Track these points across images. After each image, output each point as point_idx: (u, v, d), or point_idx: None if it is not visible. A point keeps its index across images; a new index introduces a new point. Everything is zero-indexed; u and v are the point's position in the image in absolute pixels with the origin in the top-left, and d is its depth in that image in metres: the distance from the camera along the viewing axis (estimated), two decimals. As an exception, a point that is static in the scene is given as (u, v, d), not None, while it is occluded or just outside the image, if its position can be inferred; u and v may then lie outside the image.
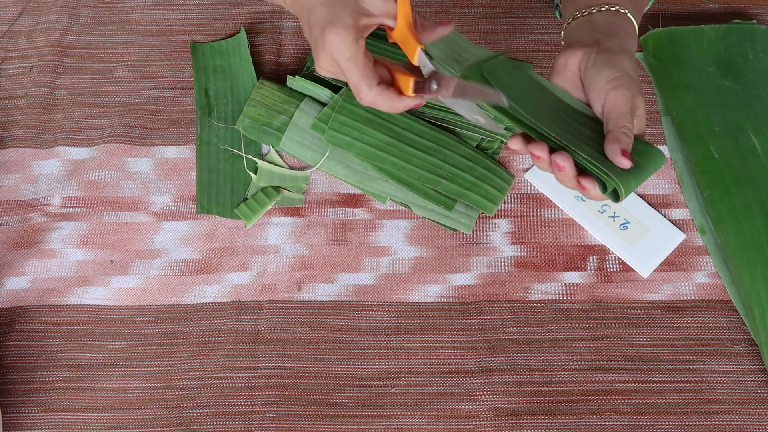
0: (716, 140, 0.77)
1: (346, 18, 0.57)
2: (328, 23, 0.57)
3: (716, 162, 0.76)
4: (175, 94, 0.83)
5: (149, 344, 0.72)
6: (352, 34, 0.57)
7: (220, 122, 0.81)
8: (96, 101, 0.83)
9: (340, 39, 0.57)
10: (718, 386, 0.70)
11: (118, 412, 0.69)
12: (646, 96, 0.83)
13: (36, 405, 0.69)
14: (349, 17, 0.57)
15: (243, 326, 0.72)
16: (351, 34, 0.57)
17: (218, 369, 0.71)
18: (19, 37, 0.87)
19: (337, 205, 0.78)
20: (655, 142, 0.81)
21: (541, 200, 0.78)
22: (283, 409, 0.69)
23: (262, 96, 0.80)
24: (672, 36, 0.84)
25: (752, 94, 0.80)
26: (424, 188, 0.76)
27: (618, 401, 0.69)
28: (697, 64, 0.82)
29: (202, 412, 0.69)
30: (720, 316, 0.73)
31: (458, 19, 0.87)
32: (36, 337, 0.72)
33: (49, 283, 0.74)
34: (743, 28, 0.85)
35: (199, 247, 0.76)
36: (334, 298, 0.74)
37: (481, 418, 0.68)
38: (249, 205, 0.77)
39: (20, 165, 0.80)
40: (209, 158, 0.80)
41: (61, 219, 0.77)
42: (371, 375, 0.70)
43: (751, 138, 0.77)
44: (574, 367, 0.71)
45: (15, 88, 0.84)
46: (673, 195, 0.78)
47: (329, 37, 0.57)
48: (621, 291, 0.74)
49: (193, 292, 0.74)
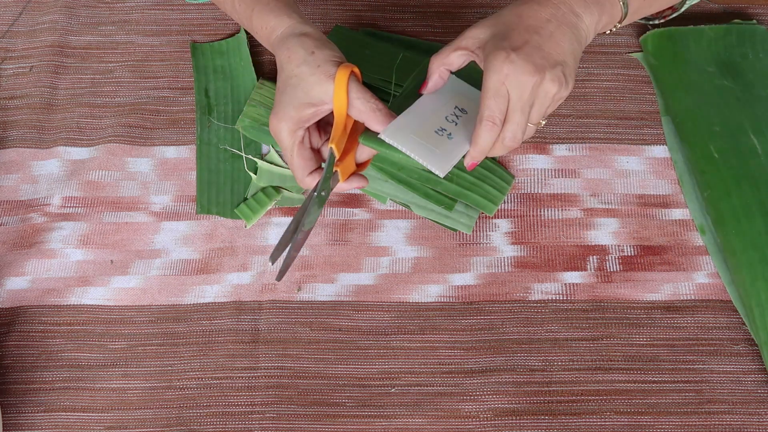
0: (716, 140, 0.77)
1: (289, 110, 0.61)
2: (273, 112, 0.62)
3: (716, 162, 0.76)
4: (175, 94, 0.83)
5: (149, 344, 0.72)
6: (290, 126, 0.61)
7: (220, 122, 0.81)
8: (96, 101, 0.83)
9: (279, 129, 0.62)
10: (718, 386, 0.70)
11: (118, 412, 0.69)
12: (646, 96, 0.83)
13: (36, 405, 0.69)
14: (293, 109, 0.61)
15: (243, 326, 0.72)
16: (289, 126, 0.61)
17: (218, 369, 0.71)
18: (19, 37, 0.87)
19: (337, 205, 0.78)
20: (655, 142, 0.81)
21: (541, 200, 0.78)
22: (283, 409, 0.69)
23: (262, 96, 0.80)
24: (672, 36, 0.84)
25: (752, 94, 0.80)
26: (424, 188, 0.76)
27: (618, 401, 0.69)
28: (697, 64, 0.82)
29: (202, 412, 0.69)
30: (720, 316, 0.73)
31: (458, 19, 0.87)
32: (36, 337, 0.72)
33: (49, 283, 0.74)
34: (743, 28, 0.85)
35: (199, 247, 0.76)
36: (334, 298, 0.74)
37: (481, 418, 0.68)
38: (249, 205, 0.77)
39: (20, 165, 0.80)
40: (209, 158, 0.80)
41: (61, 219, 0.77)
42: (371, 375, 0.70)
43: (751, 138, 0.77)
44: (574, 367, 0.71)
45: (15, 88, 0.84)
46: (673, 195, 0.78)
47: (272, 123, 0.62)
48: (621, 291, 0.74)
49: (193, 292, 0.74)
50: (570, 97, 0.83)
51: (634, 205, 0.78)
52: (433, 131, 0.60)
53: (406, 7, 0.88)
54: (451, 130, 0.61)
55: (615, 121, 0.82)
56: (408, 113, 0.60)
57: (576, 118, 0.82)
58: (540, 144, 0.80)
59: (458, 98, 0.63)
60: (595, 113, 0.82)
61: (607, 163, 0.80)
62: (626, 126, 0.82)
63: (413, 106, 0.61)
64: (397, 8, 0.88)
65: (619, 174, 0.79)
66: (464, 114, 0.62)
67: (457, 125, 0.61)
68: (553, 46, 0.55)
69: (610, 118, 0.82)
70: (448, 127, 0.61)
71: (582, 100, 0.83)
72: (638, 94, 0.83)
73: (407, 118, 0.60)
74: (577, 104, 0.82)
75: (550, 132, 0.81)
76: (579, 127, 0.81)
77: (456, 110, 0.62)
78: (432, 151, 0.59)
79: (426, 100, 0.62)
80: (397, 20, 0.87)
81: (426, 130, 0.60)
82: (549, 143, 0.80)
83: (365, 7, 0.88)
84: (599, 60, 0.85)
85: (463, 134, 0.61)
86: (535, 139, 0.80)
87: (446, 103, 0.62)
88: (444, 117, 0.61)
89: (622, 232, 0.76)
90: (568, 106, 0.82)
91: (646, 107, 0.83)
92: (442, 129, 0.60)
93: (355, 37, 0.85)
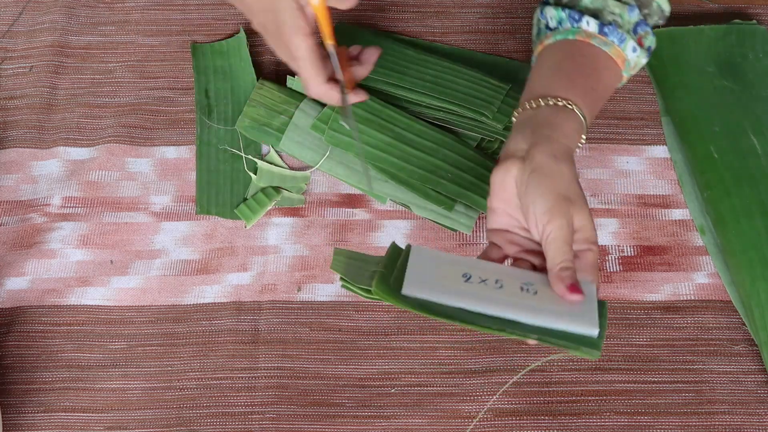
0: (716, 140, 0.77)
1: (295, 19, 0.62)
2: (278, 32, 0.63)
3: (716, 162, 0.76)
4: (175, 95, 0.83)
5: (149, 344, 0.72)
6: (304, 29, 0.62)
7: (220, 123, 0.81)
8: (96, 101, 0.83)
9: (292, 39, 0.62)
10: (718, 386, 0.70)
11: (118, 412, 0.69)
12: (646, 96, 0.83)
13: (36, 405, 0.69)
14: (297, 17, 0.61)
15: (243, 326, 0.72)
16: (303, 30, 0.62)
17: (218, 369, 0.71)
18: (19, 37, 0.87)
19: (336, 205, 0.78)
20: (655, 142, 0.81)
21: (541, 200, 0.78)
22: (283, 409, 0.69)
23: (262, 96, 0.80)
24: (672, 36, 0.84)
25: (752, 94, 0.80)
26: (424, 188, 0.76)
27: (618, 401, 0.69)
28: (697, 64, 0.82)
29: (202, 413, 0.69)
30: (720, 316, 0.73)
31: (458, 19, 0.88)
32: (36, 337, 0.72)
33: (49, 284, 0.74)
34: (743, 28, 0.85)
35: (199, 248, 0.76)
36: (334, 299, 0.74)
37: (481, 418, 0.68)
38: (249, 205, 0.77)
39: (20, 165, 0.80)
40: (209, 159, 0.80)
41: (61, 219, 0.77)
42: (371, 375, 0.70)
43: (751, 138, 0.77)
44: (574, 367, 0.70)
45: (15, 88, 0.84)
46: (673, 195, 0.78)
47: (284, 39, 0.63)
48: (621, 291, 0.74)
49: (193, 293, 0.74)
50: (570, 97, 0.83)
51: (634, 206, 0.78)
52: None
53: (406, 7, 0.88)
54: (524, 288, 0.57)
55: (615, 121, 0.82)
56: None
57: (576, 118, 0.82)
58: (540, 144, 0.80)
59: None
60: (595, 113, 0.82)
61: (607, 163, 0.80)
62: (626, 126, 0.81)
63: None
64: (397, 8, 0.88)
65: (619, 174, 0.79)
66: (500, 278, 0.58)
67: (503, 287, 0.57)
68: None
69: (610, 118, 0.82)
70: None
71: (582, 100, 0.83)
72: (638, 94, 0.83)
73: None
74: (577, 104, 0.82)
75: (550, 132, 0.81)
76: (579, 127, 0.81)
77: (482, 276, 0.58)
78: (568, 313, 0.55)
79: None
80: (397, 20, 0.87)
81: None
82: (549, 143, 0.80)
83: (365, 7, 0.88)
84: (599, 60, 0.85)
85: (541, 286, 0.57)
86: (535, 140, 0.80)
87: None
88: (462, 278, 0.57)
89: (622, 232, 0.76)
90: (568, 106, 0.82)
91: (646, 107, 0.83)
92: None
93: (357, 33, 0.85)
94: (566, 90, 0.63)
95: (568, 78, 0.64)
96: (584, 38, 0.65)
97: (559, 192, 0.57)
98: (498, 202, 0.61)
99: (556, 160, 0.58)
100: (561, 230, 0.56)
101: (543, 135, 0.60)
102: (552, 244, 0.56)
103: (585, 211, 0.58)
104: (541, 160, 0.58)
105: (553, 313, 0.55)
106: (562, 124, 0.61)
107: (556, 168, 0.58)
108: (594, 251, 0.58)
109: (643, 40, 0.68)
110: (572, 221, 0.57)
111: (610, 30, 0.65)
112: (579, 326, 0.54)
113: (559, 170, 0.58)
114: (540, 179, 0.57)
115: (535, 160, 0.58)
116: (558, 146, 0.59)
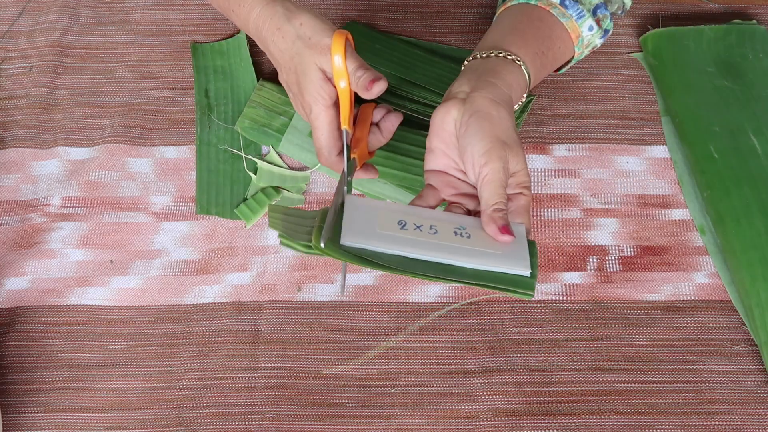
0: (716, 140, 0.77)
1: (316, 87, 0.64)
2: (300, 95, 0.66)
3: (716, 162, 0.76)
4: (175, 95, 0.83)
5: (149, 344, 0.72)
6: (325, 101, 0.64)
7: (220, 123, 0.81)
8: (96, 101, 0.83)
9: (313, 108, 0.65)
10: (718, 386, 0.70)
11: (118, 412, 0.69)
12: (646, 96, 0.83)
13: (36, 405, 0.69)
14: (319, 87, 0.64)
15: (243, 326, 0.72)
16: (325, 101, 0.64)
17: (218, 369, 0.71)
18: (19, 37, 0.87)
19: (337, 205, 0.78)
20: (655, 142, 0.81)
21: (541, 200, 0.78)
22: (283, 409, 0.69)
23: (262, 97, 0.80)
24: (672, 36, 0.84)
25: (752, 94, 0.80)
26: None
27: (618, 401, 0.69)
28: (697, 64, 0.82)
29: (202, 413, 0.69)
30: (720, 316, 0.73)
31: (458, 19, 0.88)
32: (36, 337, 0.72)
33: (48, 284, 0.74)
34: (743, 28, 0.85)
35: (198, 248, 0.76)
36: (334, 299, 0.73)
37: (481, 418, 0.68)
38: (249, 205, 0.77)
39: (20, 165, 0.80)
40: (209, 159, 0.80)
41: (60, 219, 0.77)
42: (371, 375, 0.70)
43: (751, 138, 0.77)
44: (574, 367, 0.71)
45: (15, 88, 0.84)
46: (673, 195, 0.78)
47: (306, 105, 0.66)
48: (621, 291, 0.74)
49: (193, 293, 0.74)
50: (570, 97, 0.83)
51: (634, 206, 0.78)
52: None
53: (406, 7, 0.88)
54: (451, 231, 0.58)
55: (615, 121, 0.82)
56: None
57: (576, 118, 0.82)
58: (540, 144, 0.80)
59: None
60: (595, 113, 0.82)
61: (606, 163, 0.80)
62: (626, 126, 0.82)
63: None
64: (397, 8, 0.88)
65: (618, 174, 0.79)
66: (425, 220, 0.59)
67: (437, 231, 0.58)
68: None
69: (609, 118, 0.82)
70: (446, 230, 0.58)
71: (582, 100, 0.83)
72: (638, 94, 0.83)
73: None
74: (577, 104, 0.82)
75: (549, 132, 0.81)
76: (579, 128, 0.81)
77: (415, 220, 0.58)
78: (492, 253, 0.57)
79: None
80: (397, 20, 0.87)
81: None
82: (549, 143, 0.80)
83: (365, 7, 0.88)
84: (599, 60, 0.85)
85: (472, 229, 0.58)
86: (535, 140, 0.80)
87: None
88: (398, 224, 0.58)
89: (621, 232, 0.76)
90: (568, 107, 0.82)
91: (646, 107, 0.83)
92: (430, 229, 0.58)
93: (364, 31, 0.85)
94: (518, 47, 0.65)
95: (522, 37, 0.66)
96: (545, 6, 0.68)
97: (497, 135, 0.58)
98: (437, 142, 0.62)
99: (496, 105, 0.60)
100: (497, 173, 0.57)
101: (487, 81, 0.62)
102: (487, 186, 0.57)
103: (521, 156, 0.59)
104: (481, 104, 0.59)
105: (486, 255, 0.56)
106: (507, 75, 0.63)
107: (496, 112, 0.59)
108: (526, 195, 0.59)
109: (601, 22, 0.70)
110: (508, 165, 0.58)
111: (570, 4, 0.68)
112: (512, 267, 0.56)
113: (499, 115, 0.59)
114: (479, 122, 0.59)
115: (475, 103, 0.60)
116: (499, 92, 0.61)
